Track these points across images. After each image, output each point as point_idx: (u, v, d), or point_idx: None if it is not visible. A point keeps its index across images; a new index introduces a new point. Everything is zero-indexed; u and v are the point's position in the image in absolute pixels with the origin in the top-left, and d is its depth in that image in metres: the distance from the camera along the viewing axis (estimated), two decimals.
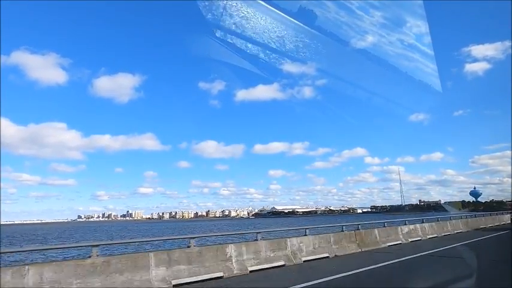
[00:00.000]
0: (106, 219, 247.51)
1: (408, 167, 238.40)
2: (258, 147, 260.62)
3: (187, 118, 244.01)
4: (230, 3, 14.17)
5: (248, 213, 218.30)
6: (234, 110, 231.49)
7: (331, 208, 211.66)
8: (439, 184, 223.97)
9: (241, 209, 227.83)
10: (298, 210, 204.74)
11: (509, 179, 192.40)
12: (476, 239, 15.26)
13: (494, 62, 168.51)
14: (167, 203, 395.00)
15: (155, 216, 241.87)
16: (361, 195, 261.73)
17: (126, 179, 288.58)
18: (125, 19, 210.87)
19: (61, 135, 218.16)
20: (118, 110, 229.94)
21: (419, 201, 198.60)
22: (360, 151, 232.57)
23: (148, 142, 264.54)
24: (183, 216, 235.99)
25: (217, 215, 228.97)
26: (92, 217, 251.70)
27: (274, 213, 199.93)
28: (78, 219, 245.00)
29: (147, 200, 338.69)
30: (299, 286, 6.70)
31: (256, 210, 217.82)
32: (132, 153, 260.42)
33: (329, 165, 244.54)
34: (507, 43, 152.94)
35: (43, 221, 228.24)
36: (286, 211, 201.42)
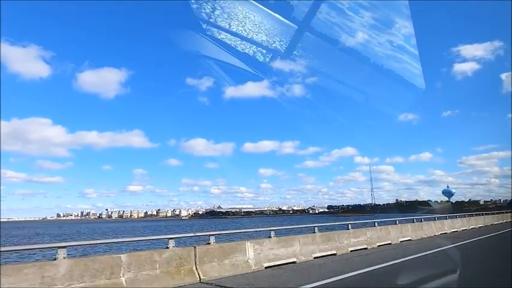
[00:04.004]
0: (85, 217, 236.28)
1: (397, 167, 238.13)
2: (248, 146, 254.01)
3: (176, 115, 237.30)
4: None
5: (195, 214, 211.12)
6: (223, 107, 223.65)
7: (282, 208, 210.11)
8: (428, 184, 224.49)
9: (192, 209, 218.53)
10: (243, 210, 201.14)
11: (496, 180, 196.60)
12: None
13: (484, 62, 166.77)
14: (157, 201, 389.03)
15: (104, 216, 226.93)
16: (351, 194, 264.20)
17: (115, 177, 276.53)
18: (107, 11, 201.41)
19: (46, 131, 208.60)
20: (105, 105, 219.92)
21: (396, 200, 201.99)
22: (349, 151, 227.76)
23: (136, 139, 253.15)
24: (131, 215, 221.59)
25: (169, 215, 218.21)
26: (71, 215, 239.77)
27: (213, 214, 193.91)
28: (49, 218, 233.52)
29: (137, 198, 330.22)
30: None
31: (204, 210, 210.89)
32: (120, 150, 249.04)
33: (319, 164, 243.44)
34: (496, 43, 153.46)
35: (10, 219, 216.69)
36: (224, 211, 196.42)
